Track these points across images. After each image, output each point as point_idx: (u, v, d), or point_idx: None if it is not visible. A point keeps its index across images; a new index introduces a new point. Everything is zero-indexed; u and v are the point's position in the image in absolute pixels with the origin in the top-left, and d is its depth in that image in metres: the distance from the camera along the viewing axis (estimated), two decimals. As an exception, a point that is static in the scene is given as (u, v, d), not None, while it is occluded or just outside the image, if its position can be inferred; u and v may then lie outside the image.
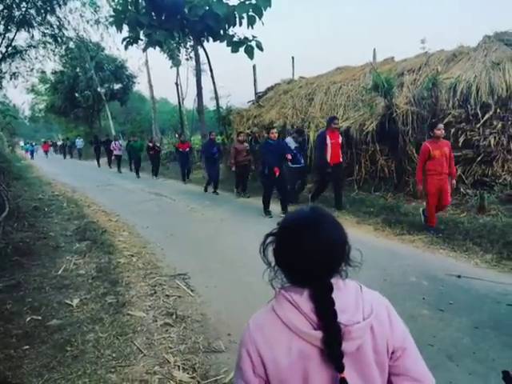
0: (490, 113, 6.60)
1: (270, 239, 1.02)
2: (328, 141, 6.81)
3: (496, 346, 2.72)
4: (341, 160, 7.17)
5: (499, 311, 3.21)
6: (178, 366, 2.66)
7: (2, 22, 9.29)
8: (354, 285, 1.02)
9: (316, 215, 1.00)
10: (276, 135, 7.15)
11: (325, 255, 0.95)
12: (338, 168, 7.12)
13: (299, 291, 0.96)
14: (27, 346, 2.90)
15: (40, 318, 3.34)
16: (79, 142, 26.40)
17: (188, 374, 2.59)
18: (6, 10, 9.10)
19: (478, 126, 6.67)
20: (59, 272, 4.42)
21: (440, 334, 2.89)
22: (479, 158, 6.64)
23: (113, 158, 17.78)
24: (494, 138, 6.53)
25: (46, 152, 32.95)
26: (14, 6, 9.16)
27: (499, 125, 6.53)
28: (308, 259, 0.94)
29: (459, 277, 3.92)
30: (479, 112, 6.67)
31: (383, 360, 0.97)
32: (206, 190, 10.22)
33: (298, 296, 0.95)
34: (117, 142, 16.85)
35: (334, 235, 0.97)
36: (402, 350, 1.00)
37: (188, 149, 12.66)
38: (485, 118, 6.62)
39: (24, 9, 9.45)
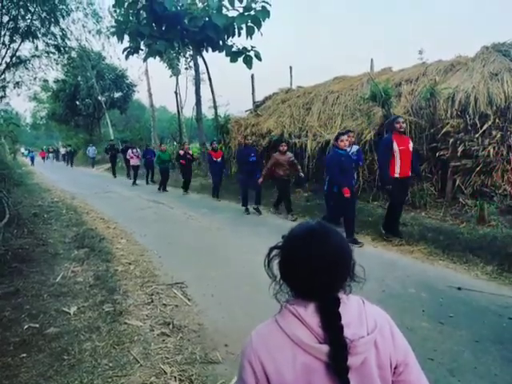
0: (489, 123, 6.63)
1: (274, 252, 1.03)
2: (395, 147, 5.35)
3: (498, 361, 2.68)
4: (410, 173, 5.60)
5: (500, 325, 3.17)
6: (175, 377, 2.63)
7: (8, 34, 9.43)
8: (356, 299, 1.02)
9: (323, 229, 1.01)
10: (347, 143, 5.62)
11: (332, 269, 0.96)
12: (406, 183, 5.73)
13: (304, 305, 0.96)
14: (24, 354, 2.89)
15: (38, 325, 3.32)
16: (91, 150, 24.30)
17: (184, 386, 2.57)
18: (11, 22, 9.23)
19: (476, 136, 6.69)
20: (57, 279, 4.40)
21: (440, 348, 2.86)
22: (478, 168, 6.66)
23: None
24: (494, 148, 6.55)
25: (43, 158, 37.76)
26: (20, 17, 9.30)
27: (498, 135, 6.56)
28: (315, 272, 0.94)
29: (459, 289, 3.90)
30: (478, 122, 6.71)
31: (387, 375, 0.98)
32: (247, 211, 8.28)
33: (303, 310, 0.95)
34: (134, 150, 14.74)
35: (340, 249, 0.99)
36: (404, 365, 1.00)
37: (221, 158, 10.49)
38: (484, 128, 6.65)
39: (29, 20, 9.59)
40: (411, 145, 5.55)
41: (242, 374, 0.99)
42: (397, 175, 5.41)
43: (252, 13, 11.81)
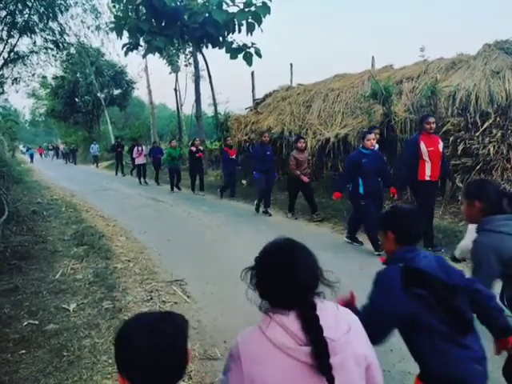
0: (490, 121, 6.61)
1: (252, 273, 1.14)
2: (423, 148, 4.93)
3: (494, 358, 2.69)
4: (438, 177, 5.19)
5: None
6: (174, 374, 2.63)
7: (5, 29, 9.36)
8: (331, 304, 1.12)
9: (292, 246, 1.13)
10: (374, 142, 5.23)
11: (306, 278, 1.07)
12: (435, 187, 5.28)
13: (285, 313, 1.04)
14: (24, 351, 2.89)
15: (37, 322, 3.33)
16: (94, 148, 23.36)
17: (183, 381, 2.57)
18: (9, 17, 9.17)
19: (477, 134, 6.68)
20: (57, 276, 4.40)
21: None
22: (478, 167, 6.65)
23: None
24: (494, 146, 6.54)
25: (41, 154, 39.93)
26: (17, 12, 9.23)
27: (499, 133, 6.54)
28: (293, 283, 1.04)
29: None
30: (478, 120, 6.70)
31: (362, 372, 1.07)
32: (257, 210, 7.85)
33: (285, 317, 1.03)
34: (139, 148, 14.02)
35: (310, 261, 1.11)
36: (372, 362, 1.11)
37: (235, 155, 9.92)
38: (484, 127, 6.63)
39: (27, 15, 9.53)
40: (441, 145, 5.12)
41: (227, 374, 1.09)
42: (428, 178, 4.98)
43: (252, 9, 11.75)
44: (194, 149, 10.76)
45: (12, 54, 10.46)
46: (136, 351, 0.89)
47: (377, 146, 5.95)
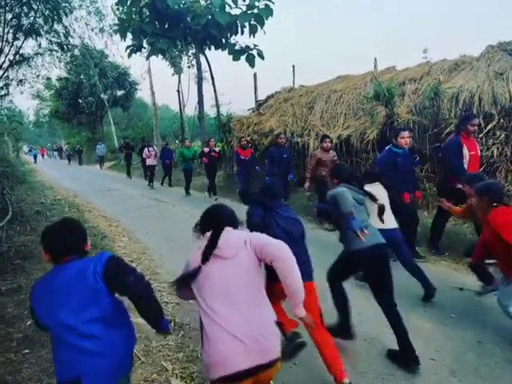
0: (493, 123, 6.58)
1: (197, 225, 2.06)
2: (465, 152, 4.63)
3: (500, 363, 2.68)
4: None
5: (503, 326, 3.16)
6: (176, 375, 2.65)
7: (11, 31, 9.41)
8: (238, 230, 1.98)
9: (221, 206, 2.09)
10: (408, 140, 4.80)
11: (226, 224, 1.93)
12: None
13: (207, 233, 1.91)
14: (27, 351, 2.92)
15: (40, 322, 3.34)
16: (100, 148, 23.14)
17: (186, 382, 2.59)
18: (14, 19, 9.22)
19: (480, 136, 6.65)
20: (59, 277, 4.41)
21: (442, 348, 2.86)
22: (482, 169, 6.62)
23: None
24: (497, 148, 6.50)
25: (42, 155, 41.02)
26: (23, 15, 9.29)
27: (502, 135, 6.51)
28: (218, 228, 1.89)
29: (461, 289, 3.89)
30: (482, 122, 6.65)
31: (255, 259, 1.83)
32: None
33: (208, 234, 1.89)
34: (150, 149, 13.66)
35: (232, 216, 2.03)
36: (261, 248, 1.82)
37: (250, 156, 9.44)
38: (488, 128, 6.60)
39: (32, 18, 9.58)
40: (479, 149, 4.86)
41: (184, 268, 2.00)
42: (461, 186, 4.49)
43: (255, 11, 11.76)
44: (206, 149, 10.37)
45: (17, 55, 10.51)
46: (49, 238, 1.91)
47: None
